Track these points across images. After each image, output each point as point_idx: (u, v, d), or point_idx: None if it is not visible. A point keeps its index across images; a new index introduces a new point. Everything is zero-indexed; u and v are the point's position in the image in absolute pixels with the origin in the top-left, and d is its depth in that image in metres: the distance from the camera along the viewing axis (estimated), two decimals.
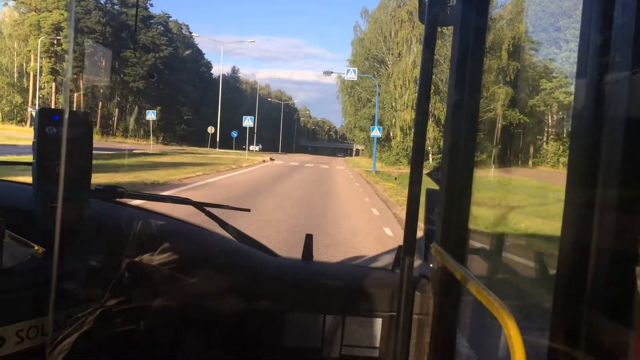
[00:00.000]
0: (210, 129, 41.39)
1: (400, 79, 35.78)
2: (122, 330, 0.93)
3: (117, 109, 53.47)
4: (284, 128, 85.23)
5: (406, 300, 1.04)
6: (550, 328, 0.63)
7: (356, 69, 30.27)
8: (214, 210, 1.25)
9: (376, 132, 26.90)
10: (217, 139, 42.27)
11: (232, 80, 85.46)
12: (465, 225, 1.01)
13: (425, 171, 1.04)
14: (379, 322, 1.12)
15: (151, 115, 31.89)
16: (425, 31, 1.02)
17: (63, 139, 0.78)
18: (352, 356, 1.13)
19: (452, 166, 1.00)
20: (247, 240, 1.28)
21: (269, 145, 72.84)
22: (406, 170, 26.59)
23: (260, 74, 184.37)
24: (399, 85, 35.75)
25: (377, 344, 1.12)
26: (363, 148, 67.89)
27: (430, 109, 1.15)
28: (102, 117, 50.70)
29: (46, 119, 0.85)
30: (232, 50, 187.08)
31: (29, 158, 0.90)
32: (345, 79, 31.20)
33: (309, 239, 1.26)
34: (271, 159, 31.93)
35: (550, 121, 30.48)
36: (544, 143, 29.11)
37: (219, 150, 40.79)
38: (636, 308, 0.52)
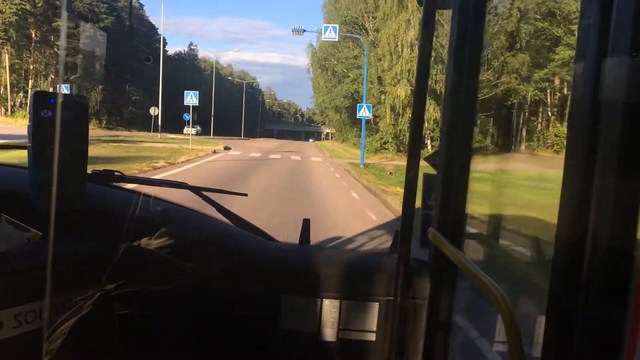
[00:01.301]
0: (153, 110, 36.84)
1: (391, 44, 28.28)
2: (120, 314, 1.05)
3: (51, 88, 49.78)
4: (247, 111, 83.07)
5: (403, 284, 1.17)
6: (547, 313, 0.67)
7: (337, 26, 23.69)
8: (211, 195, 1.36)
9: (365, 112, 21.90)
10: (160, 122, 37.11)
11: (190, 58, 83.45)
12: (462, 211, 1.10)
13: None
14: (375, 306, 1.24)
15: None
16: (423, 14, 1.13)
17: (57, 122, 0.87)
18: (349, 340, 1.25)
19: (450, 151, 1.09)
20: (245, 225, 1.39)
21: (230, 130, 70.02)
22: (400, 161, 22.38)
23: (225, 56, 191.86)
24: (389, 52, 28.44)
25: (374, 328, 1.24)
26: (334, 132, 64.00)
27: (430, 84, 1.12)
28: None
29: (41, 102, 0.94)
30: (195, 32, 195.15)
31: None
32: (323, 39, 23.47)
33: (306, 223, 1.38)
34: (226, 148, 27.16)
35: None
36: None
37: (163, 136, 35.71)
38: (632, 293, 0.59)
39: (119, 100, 53.66)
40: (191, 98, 23.19)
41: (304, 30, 24.15)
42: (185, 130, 45.32)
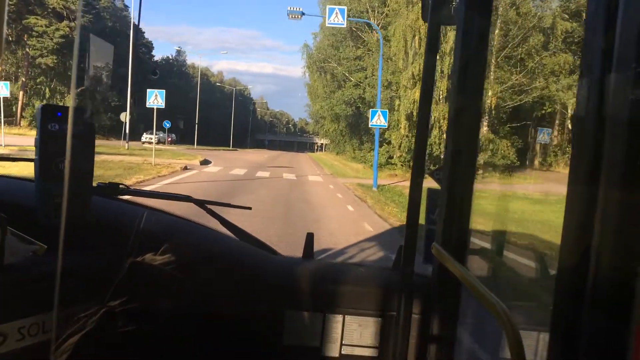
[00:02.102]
0: (123, 116, 32.76)
1: (408, 37, 24.36)
2: (125, 330, 1.10)
3: (21, 92, 48.66)
4: (238, 120, 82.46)
5: (406, 300, 1.24)
6: (550, 329, 0.70)
7: (345, 8, 19.07)
8: (214, 208, 1.44)
9: (379, 120, 17.44)
10: (127, 130, 33.12)
11: (177, 64, 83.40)
12: (466, 226, 1.16)
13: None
14: (379, 321, 1.31)
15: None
16: (428, 29, 1.22)
17: (68, 135, 0.92)
18: (352, 355, 1.32)
19: (454, 166, 1.16)
20: (248, 238, 1.47)
21: (218, 139, 69.30)
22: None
23: (217, 65, 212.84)
24: (404, 49, 24.58)
25: (377, 344, 1.31)
26: (328, 142, 61.93)
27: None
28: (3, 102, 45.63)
29: (49, 116, 1.01)
30: (187, 41, 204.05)
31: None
32: (328, 24, 19.04)
33: (309, 237, 1.46)
34: (203, 163, 23.74)
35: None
36: None
37: (131, 146, 31.18)
38: (636, 309, 0.60)
39: (98, 107, 52.54)
40: (155, 99, 19.25)
41: (303, 14, 19.90)
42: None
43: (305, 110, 66.46)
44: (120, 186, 1.34)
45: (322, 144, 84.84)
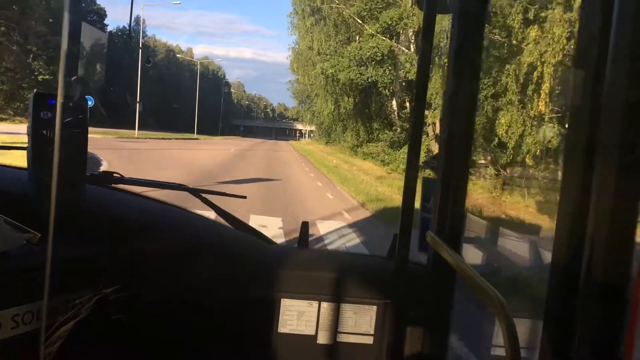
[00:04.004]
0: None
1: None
2: (119, 317, 1.17)
3: None
4: (207, 102, 75.45)
5: (401, 287, 1.36)
6: (544, 317, 0.74)
7: None
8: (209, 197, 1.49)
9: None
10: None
11: (135, 35, 76.84)
12: (461, 214, 1.24)
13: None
14: (373, 309, 1.42)
15: None
16: (423, 18, 1.29)
17: (57, 122, 0.96)
18: (347, 343, 1.42)
19: (449, 155, 1.24)
20: (243, 227, 1.57)
21: (184, 124, 64.08)
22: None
23: (196, 49, 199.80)
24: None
25: (372, 331, 1.42)
26: (314, 129, 57.19)
27: None
28: None
29: (41, 104, 1.08)
30: (165, 25, 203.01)
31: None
32: None
33: (304, 226, 1.56)
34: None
35: None
36: None
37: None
38: (630, 298, 0.64)
39: (24, 83, 45.30)
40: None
41: None
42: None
43: (288, 89, 53.60)
44: (114, 175, 1.41)
45: (306, 130, 75.95)
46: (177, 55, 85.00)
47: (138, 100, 44.79)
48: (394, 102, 25.93)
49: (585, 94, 0.69)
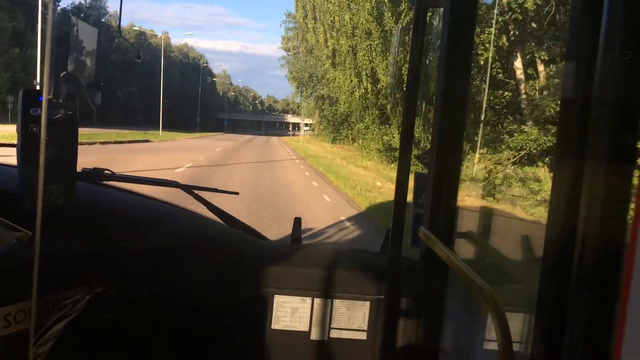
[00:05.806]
0: None
1: None
2: (111, 316, 1.19)
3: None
4: (185, 94, 70.30)
5: (394, 283, 1.38)
6: (536, 311, 0.76)
7: None
8: (201, 194, 1.50)
9: None
10: None
11: (95, 12, 63.97)
12: (453, 209, 1.26)
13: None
14: (367, 304, 1.43)
15: None
16: (414, 12, 1.32)
17: (43, 119, 0.97)
18: (340, 338, 1.44)
19: (441, 150, 1.25)
20: (236, 224, 1.58)
21: (164, 119, 51.15)
22: None
23: (182, 42, 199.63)
24: None
25: (365, 327, 1.43)
26: (312, 122, 49.69)
27: None
28: None
29: (30, 101, 1.07)
30: (150, 19, 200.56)
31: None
32: None
33: (297, 222, 1.57)
34: None
35: None
36: None
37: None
38: (620, 292, 0.64)
39: None
40: None
41: None
42: None
43: (282, 65, 44.18)
44: (105, 171, 1.41)
45: (304, 123, 61.32)
46: (149, 40, 73.70)
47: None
48: None
49: (576, 91, 0.71)
